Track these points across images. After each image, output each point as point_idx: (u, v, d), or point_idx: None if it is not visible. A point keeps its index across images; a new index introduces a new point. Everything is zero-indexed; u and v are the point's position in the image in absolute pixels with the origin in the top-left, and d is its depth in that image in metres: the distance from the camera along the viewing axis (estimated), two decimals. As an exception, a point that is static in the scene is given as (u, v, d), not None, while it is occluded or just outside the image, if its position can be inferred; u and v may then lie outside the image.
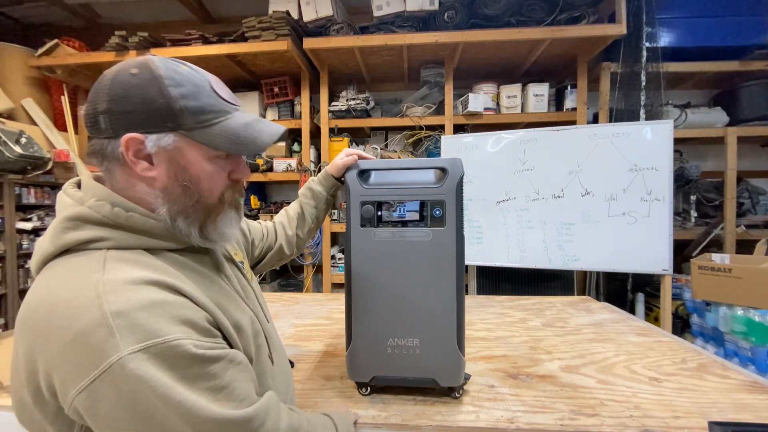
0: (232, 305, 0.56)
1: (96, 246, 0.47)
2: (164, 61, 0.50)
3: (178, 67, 0.50)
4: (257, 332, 0.60)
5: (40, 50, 2.63)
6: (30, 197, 2.62)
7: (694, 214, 2.62)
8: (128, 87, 0.47)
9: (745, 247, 2.40)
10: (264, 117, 2.87)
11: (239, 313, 0.56)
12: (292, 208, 0.97)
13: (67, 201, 0.49)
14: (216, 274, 0.59)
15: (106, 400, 0.40)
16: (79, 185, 0.52)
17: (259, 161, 2.77)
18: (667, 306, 2.14)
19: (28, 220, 2.60)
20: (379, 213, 0.83)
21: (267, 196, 3.29)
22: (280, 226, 0.95)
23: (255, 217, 2.82)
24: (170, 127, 0.48)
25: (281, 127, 0.58)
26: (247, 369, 0.52)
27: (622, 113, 2.49)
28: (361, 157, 0.87)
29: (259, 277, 0.91)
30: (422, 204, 0.81)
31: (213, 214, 0.54)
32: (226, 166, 0.55)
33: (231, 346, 0.51)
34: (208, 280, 0.55)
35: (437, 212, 0.80)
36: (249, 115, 0.55)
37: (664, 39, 2.42)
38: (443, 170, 0.81)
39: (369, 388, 0.87)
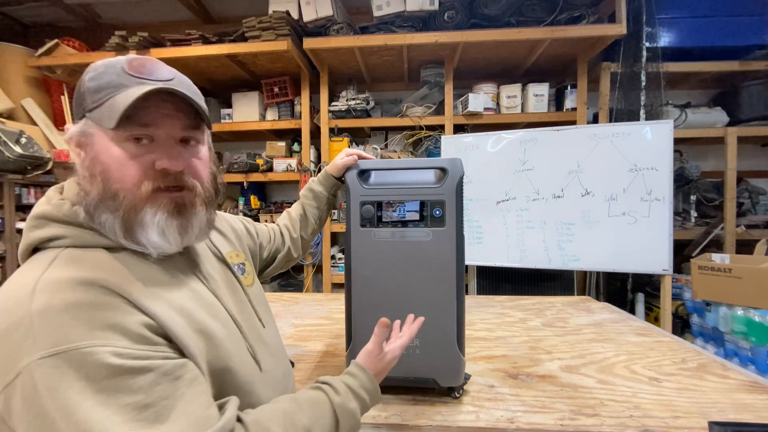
0: (203, 309, 0.52)
1: (55, 244, 0.46)
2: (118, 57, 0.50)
3: (114, 58, 0.50)
4: (237, 339, 0.55)
5: (40, 50, 2.63)
6: (30, 197, 2.61)
7: (694, 214, 2.61)
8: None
9: (745, 247, 2.40)
10: (264, 117, 2.87)
11: (210, 318, 0.52)
12: (295, 210, 0.97)
13: (41, 200, 0.50)
14: (188, 275, 0.54)
15: (16, 410, 0.37)
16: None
17: (259, 161, 2.77)
18: (667, 306, 2.14)
19: (28, 220, 2.60)
20: (379, 213, 0.83)
21: (267, 196, 3.29)
22: (285, 228, 0.94)
23: (255, 217, 2.82)
24: (81, 112, 0.48)
25: (154, 86, 0.46)
26: (196, 384, 0.44)
27: (622, 113, 2.49)
28: (361, 157, 0.87)
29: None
30: (422, 204, 0.81)
31: (135, 212, 0.47)
32: (141, 152, 0.47)
33: (184, 355, 0.46)
34: (173, 282, 0.51)
35: (437, 212, 0.80)
36: (149, 86, 0.46)
37: (664, 39, 2.42)
38: (443, 170, 0.81)
39: (369, 388, 0.87)
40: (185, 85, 0.51)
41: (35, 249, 0.48)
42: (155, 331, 0.44)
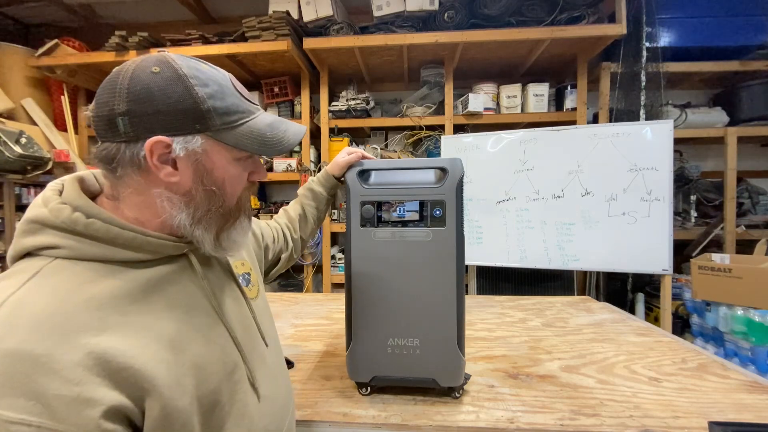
0: (199, 335, 0.49)
1: (48, 253, 0.43)
2: (183, 58, 0.47)
3: (199, 66, 0.48)
4: (234, 365, 0.52)
5: (40, 50, 2.63)
6: (30, 197, 2.61)
7: (694, 214, 2.61)
8: (150, 86, 0.43)
9: (745, 247, 2.40)
10: (264, 117, 2.87)
11: (206, 346, 0.49)
12: (293, 209, 0.96)
13: (37, 201, 0.46)
14: (194, 291, 0.51)
15: None
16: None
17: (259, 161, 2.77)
18: (667, 306, 2.14)
19: (28, 220, 2.60)
20: (380, 213, 0.83)
21: (267, 196, 3.29)
22: (286, 228, 0.93)
23: (255, 217, 2.82)
24: (198, 129, 0.46)
25: (302, 127, 0.57)
26: None
27: (622, 113, 2.49)
28: (363, 157, 0.87)
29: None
30: (422, 204, 0.81)
31: (231, 220, 0.52)
32: (247, 168, 0.54)
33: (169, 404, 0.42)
34: (172, 304, 0.48)
35: (437, 212, 0.80)
36: (270, 115, 0.54)
37: (664, 39, 2.42)
38: (443, 170, 0.81)
39: (369, 388, 0.87)
40: None
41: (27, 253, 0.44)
42: (112, 416, 0.37)
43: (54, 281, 0.41)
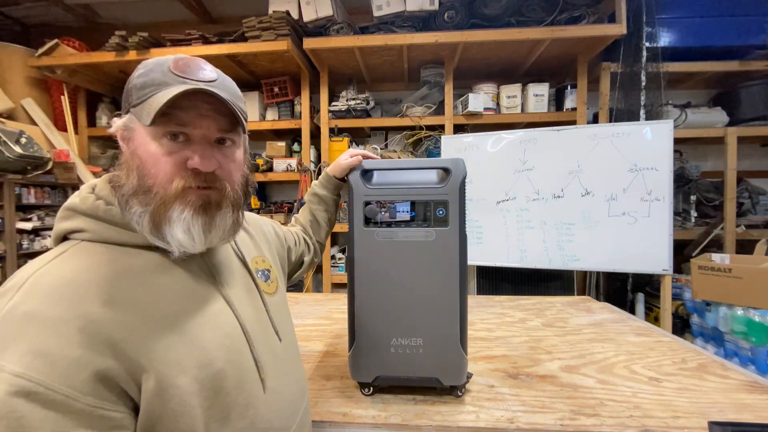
0: (204, 320, 0.50)
1: (77, 236, 0.48)
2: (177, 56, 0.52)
3: (164, 57, 0.50)
4: (240, 352, 0.52)
5: (40, 50, 2.63)
6: (30, 197, 2.61)
7: (694, 214, 2.62)
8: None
9: (745, 247, 2.40)
10: (264, 117, 2.88)
11: (210, 329, 0.50)
12: (303, 217, 0.97)
13: (77, 192, 0.52)
14: (202, 278, 0.53)
15: None
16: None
17: (259, 161, 2.77)
18: (667, 306, 2.14)
19: (28, 220, 2.60)
20: (382, 213, 0.83)
21: (267, 196, 3.29)
22: (303, 233, 0.94)
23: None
24: (127, 107, 0.49)
25: (192, 86, 0.46)
26: None
27: (622, 113, 2.49)
28: (365, 157, 0.87)
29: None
30: (425, 204, 0.82)
31: (165, 208, 0.47)
32: (176, 149, 0.48)
33: (137, 409, 0.43)
34: (179, 288, 0.50)
35: (440, 212, 0.81)
36: (187, 86, 0.47)
37: (664, 39, 2.42)
38: (446, 170, 0.81)
39: (372, 388, 0.87)
40: (227, 87, 0.52)
41: (65, 237, 0.50)
42: (107, 384, 0.40)
43: (75, 259, 0.46)
